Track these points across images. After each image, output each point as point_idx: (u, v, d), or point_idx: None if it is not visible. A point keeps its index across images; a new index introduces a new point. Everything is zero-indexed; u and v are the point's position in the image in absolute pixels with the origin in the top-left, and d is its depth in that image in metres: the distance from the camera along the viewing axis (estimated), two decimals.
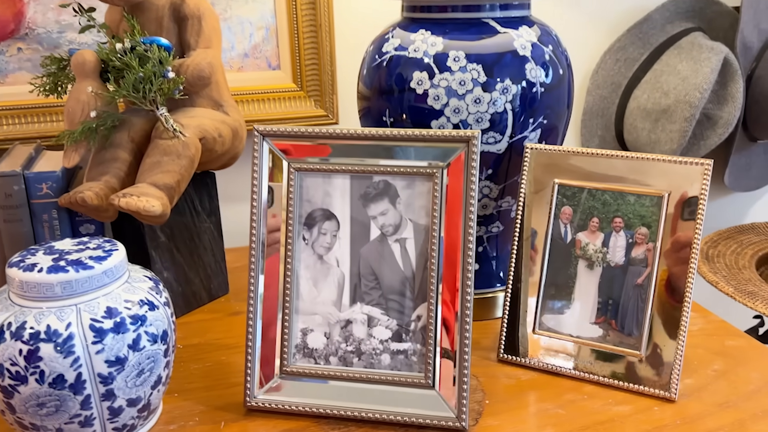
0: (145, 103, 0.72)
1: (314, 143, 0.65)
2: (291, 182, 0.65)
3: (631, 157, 0.68)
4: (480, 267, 0.83)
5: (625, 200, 0.69)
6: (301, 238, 0.66)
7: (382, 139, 0.64)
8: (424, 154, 0.64)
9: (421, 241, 0.64)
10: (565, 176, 0.71)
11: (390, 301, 0.65)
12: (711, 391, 0.68)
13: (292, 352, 0.66)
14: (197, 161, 0.77)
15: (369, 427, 0.63)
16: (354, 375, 0.65)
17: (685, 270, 0.66)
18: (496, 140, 0.74)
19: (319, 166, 0.65)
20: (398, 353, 0.65)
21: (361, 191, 0.65)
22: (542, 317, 0.72)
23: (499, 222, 0.81)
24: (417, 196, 0.64)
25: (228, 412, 0.66)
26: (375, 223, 0.65)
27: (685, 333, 0.66)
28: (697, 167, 0.66)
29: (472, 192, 0.62)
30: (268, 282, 0.66)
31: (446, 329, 0.63)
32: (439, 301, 0.63)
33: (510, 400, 0.68)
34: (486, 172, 0.76)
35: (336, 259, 0.66)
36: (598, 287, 0.70)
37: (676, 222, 0.67)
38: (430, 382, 0.64)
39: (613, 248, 0.69)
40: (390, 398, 0.64)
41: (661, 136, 1.21)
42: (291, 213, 0.65)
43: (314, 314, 0.66)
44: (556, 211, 0.72)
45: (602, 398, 0.68)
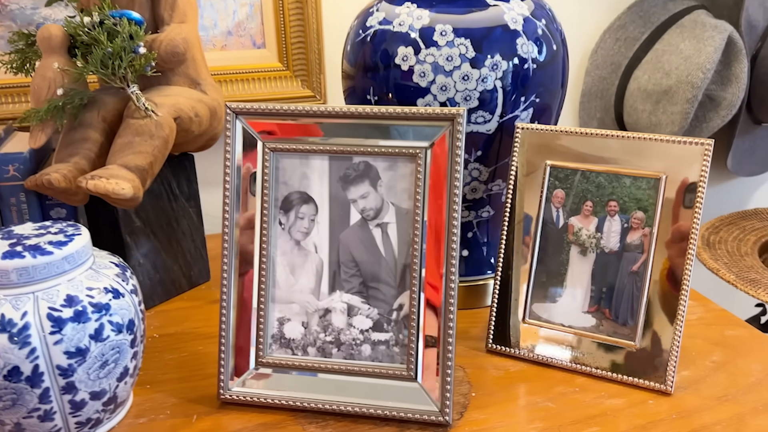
0: (115, 80, 0.68)
1: (289, 122, 0.61)
2: (266, 163, 0.62)
3: (626, 137, 0.65)
4: (470, 253, 0.80)
5: (621, 183, 0.65)
6: (277, 223, 0.63)
7: (361, 117, 0.60)
8: (407, 134, 0.60)
9: (404, 226, 0.61)
10: (558, 158, 0.68)
11: (371, 289, 0.62)
12: (709, 384, 0.65)
13: (268, 342, 0.63)
14: (172, 142, 0.73)
15: (348, 421, 0.60)
16: (333, 366, 0.62)
17: (683, 256, 0.62)
18: (486, 120, 0.70)
19: (296, 147, 0.61)
20: (379, 343, 0.62)
21: (341, 173, 0.62)
22: (533, 306, 0.69)
23: (489, 206, 0.78)
24: (399, 179, 0.61)
25: (201, 404, 0.63)
26: (355, 206, 0.62)
27: (682, 322, 0.63)
28: (696, 147, 0.62)
29: (457, 174, 0.58)
30: (243, 269, 0.62)
31: (429, 319, 0.60)
32: (421, 290, 0.60)
33: (498, 392, 0.64)
34: (475, 153, 0.73)
35: (314, 244, 0.62)
36: (591, 275, 0.66)
37: (673, 206, 0.63)
38: (413, 374, 0.60)
39: (608, 233, 0.66)
40: (370, 391, 0.61)
41: (662, 119, 1.17)
42: (266, 196, 0.62)
43: (291, 303, 0.63)
44: (547, 195, 0.68)
45: (595, 391, 0.64)
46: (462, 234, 0.79)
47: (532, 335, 0.69)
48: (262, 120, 0.62)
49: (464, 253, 0.80)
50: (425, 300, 0.60)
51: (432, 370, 0.60)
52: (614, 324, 0.66)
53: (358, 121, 0.60)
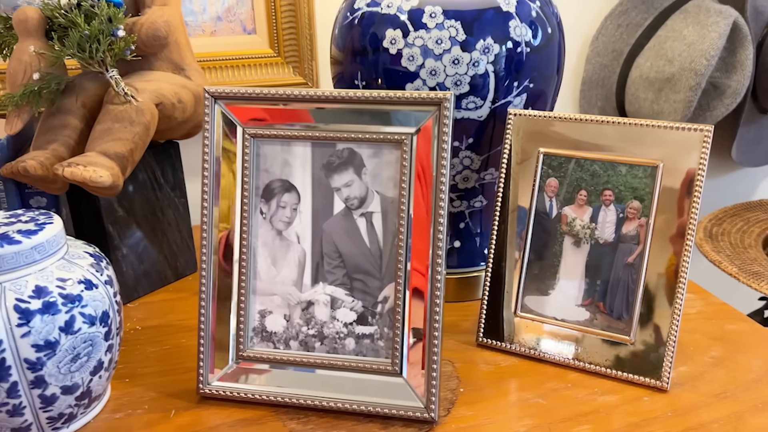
0: (93, 64, 0.66)
1: (271, 107, 0.59)
2: (246, 150, 0.59)
3: (622, 123, 0.62)
4: (462, 244, 0.78)
5: (616, 171, 0.62)
6: (258, 212, 0.60)
7: (345, 102, 0.58)
8: (392, 119, 0.58)
9: (389, 216, 0.59)
10: (552, 145, 0.65)
11: (355, 280, 0.59)
12: (707, 380, 0.63)
13: (249, 335, 0.61)
14: (153, 129, 0.71)
15: (331, 417, 0.58)
16: (315, 361, 0.59)
17: (681, 248, 0.60)
18: (477, 105, 0.68)
19: (277, 133, 0.59)
20: (363, 337, 0.59)
21: (324, 160, 0.59)
22: (524, 299, 0.66)
23: (482, 196, 0.75)
24: (384, 166, 0.58)
25: (180, 399, 0.61)
26: (339, 195, 0.59)
27: (679, 317, 0.60)
28: (695, 134, 0.59)
29: (443, 161, 0.56)
30: (223, 260, 0.60)
31: (415, 312, 0.57)
32: (407, 282, 0.58)
33: (487, 388, 0.62)
34: (466, 141, 0.70)
35: (296, 234, 0.60)
36: (585, 266, 0.64)
37: (671, 195, 0.60)
38: (397, 368, 0.58)
39: (602, 224, 0.63)
40: (354, 386, 0.59)
41: (665, 107, 1.14)
42: (246, 184, 0.60)
43: (273, 295, 0.61)
44: (540, 183, 0.66)
45: (587, 387, 0.62)
46: (454, 225, 0.77)
47: (523, 329, 0.66)
48: (242, 105, 0.59)
49: (456, 244, 0.77)
50: (410, 292, 0.58)
51: (418, 365, 0.57)
52: (609, 318, 0.63)
53: (339, 105, 0.58)
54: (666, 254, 0.61)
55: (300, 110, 0.59)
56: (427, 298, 0.57)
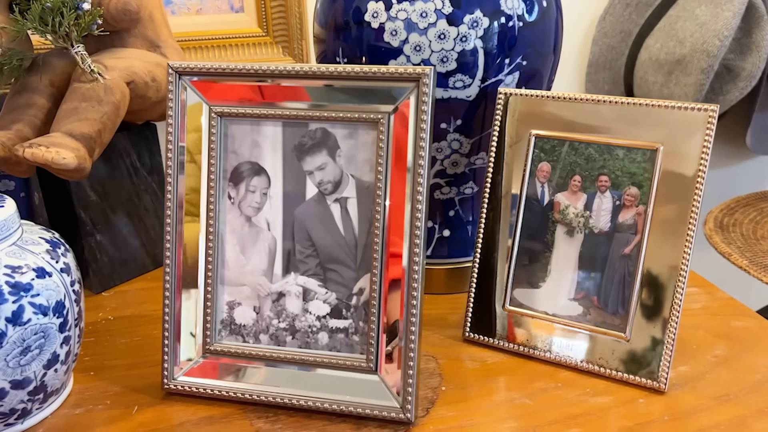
0: (57, 39, 0.62)
1: (239, 82, 0.55)
2: (213, 130, 0.56)
3: (620, 103, 0.57)
4: (452, 233, 0.73)
5: (613, 155, 0.58)
6: (226, 197, 0.57)
7: (317, 78, 0.53)
8: (367, 97, 0.53)
9: (365, 202, 0.54)
10: (544, 126, 0.60)
11: (329, 271, 0.55)
12: (709, 381, 0.58)
13: (217, 328, 0.57)
14: (124, 109, 0.67)
15: (301, 416, 0.55)
16: (286, 356, 0.56)
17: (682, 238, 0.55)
18: (465, 84, 0.63)
19: (246, 111, 0.55)
20: (337, 331, 0.56)
21: (295, 141, 0.55)
22: (514, 292, 0.62)
23: (473, 182, 0.71)
24: (360, 148, 0.54)
25: (145, 394, 0.58)
26: (312, 179, 0.55)
27: (678, 312, 0.56)
28: (699, 114, 0.55)
29: (422, 142, 0.52)
30: (188, 248, 0.56)
31: (392, 305, 0.53)
32: (382, 272, 0.54)
33: (471, 386, 0.58)
34: (454, 123, 0.66)
35: (266, 221, 0.56)
36: (578, 258, 0.60)
37: (671, 181, 0.56)
38: (372, 365, 0.54)
39: (597, 212, 0.59)
40: (327, 383, 0.55)
41: (675, 91, 1.09)
42: (213, 167, 0.56)
43: (242, 285, 0.57)
44: (531, 168, 0.61)
45: (579, 387, 0.58)
46: (443, 212, 0.72)
47: (512, 324, 0.62)
48: (209, 81, 0.55)
49: (446, 233, 0.73)
50: (387, 284, 0.53)
51: (394, 362, 0.54)
52: (603, 313, 0.59)
53: (310, 82, 0.53)
54: (665, 245, 0.56)
55: (271, 87, 0.55)
56: (404, 290, 0.53)
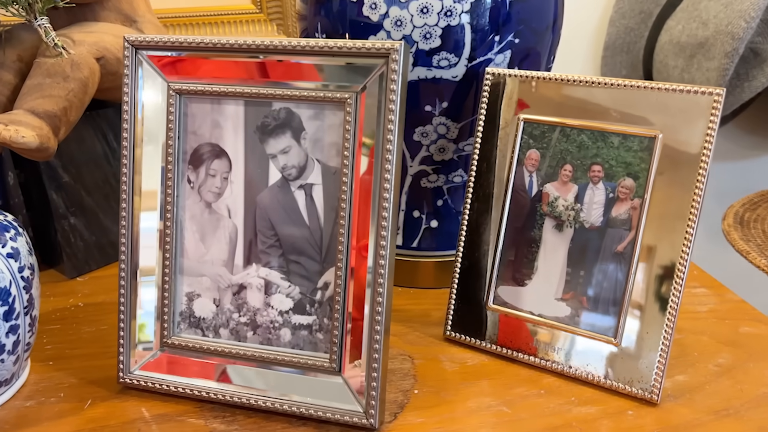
0: (19, 10, 0.59)
1: (198, 57, 0.51)
2: (171, 108, 0.52)
3: (616, 85, 0.52)
4: (440, 224, 0.69)
5: (607, 143, 0.52)
6: (185, 181, 0.53)
7: (278, 53, 0.49)
8: (333, 75, 0.49)
9: (332, 189, 0.50)
10: (533, 111, 0.55)
11: (292, 263, 0.51)
12: (707, 393, 0.53)
13: (176, 320, 0.54)
14: (93, 86, 0.64)
15: (259, 418, 0.51)
16: (246, 353, 0.52)
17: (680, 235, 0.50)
18: (451, 63, 0.58)
19: (205, 89, 0.51)
20: (301, 328, 0.52)
21: (258, 122, 0.51)
22: (498, 289, 0.58)
23: (462, 170, 0.66)
24: (327, 130, 0.50)
25: (101, 387, 0.55)
26: (275, 163, 0.51)
27: (674, 317, 0.50)
28: (702, 98, 0.49)
29: (390, 125, 0.47)
30: (145, 234, 0.53)
31: (357, 300, 0.49)
32: (347, 266, 0.49)
33: (445, 390, 0.54)
34: (440, 105, 0.61)
35: (227, 208, 0.52)
36: (567, 254, 0.55)
37: (670, 173, 0.50)
38: (335, 366, 0.50)
39: (589, 204, 0.54)
40: (288, 383, 0.51)
41: (697, 76, 1.02)
42: (171, 148, 0.52)
43: (201, 276, 0.53)
44: (519, 156, 0.56)
45: (563, 395, 0.53)
46: (431, 202, 0.68)
47: (495, 323, 0.58)
48: (167, 55, 0.51)
49: (433, 224, 0.69)
50: (351, 278, 0.49)
51: (361, 362, 0.50)
52: (592, 315, 0.54)
53: (271, 57, 0.49)
54: (662, 243, 0.51)
55: (232, 63, 0.51)
56: (369, 285, 0.49)
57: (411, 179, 0.66)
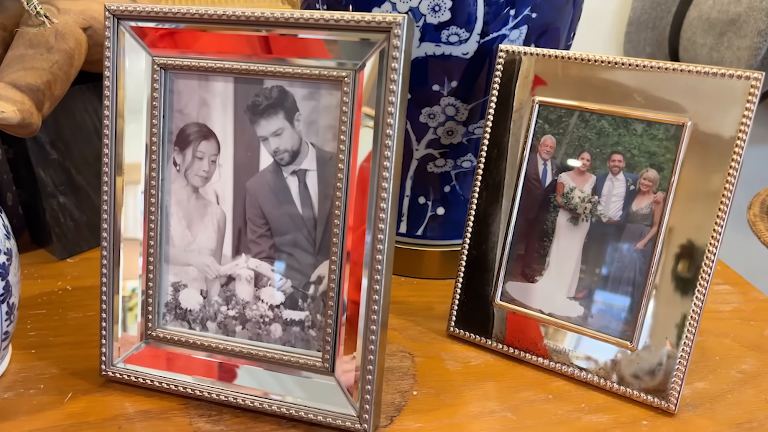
0: None
1: (186, 28, 0.47)
2: (155, 85, 0.48)
3: (642, 66, 0.47)
4: (447, 212, 0.65)
5: (630, 130, 0.48)
6: (171, 163, 0.49)
7: (270, 25, 0.45)
8: (330, 51, 0.45)
9: (327, 175, 0.46)
10: (550, 93, 0.51)
11: (284, 254, 0.48)
12: (729, 404, 0.49)
13: (162, 311, 0.51)
14: (80, 57, 0.60)
15: (247, 418, 0.48)
16: (234, 348, 0.49)
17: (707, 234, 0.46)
18: (461, 39, 0.54)
19: (192, 63, 0.47)
20: (292, 324, 0.48)
21: (248, 101, 0.47)
22: (506, 285, 0.54)
23: (471, 154, 0.62)
24: (322, 112, 0.46)
25: (83, 379, 0.52)
26: (266, 146, 0.47)
27: (697, 321, 0.46)
28: (738, 83, 0.44)
29: (391, 107, 0.43)
30: (128, 220, 0.50)
31: (351, 296, 0.46)
32: (343, 259, 0.46)
33: (446, 392, 0.50)
34: (449, 85, 0.56)
35: (215, 193, 0.49)
36: (582, 250, 0.50)
37: (699, 165, 0.46)
38: (329, 365, 0.47)
39: (608, 197, 0.49)
40: (278, 382, 0.48)
41: (726, 55, 0.96)
42: (156, 128, 0.48)
43: (188, 265, 0.50)
44: (533, 142, 0.52)
45: (572, 401, 0.49)
46: (438, 188, 0.64)
47: (502, 321, 0.54)
48: (152, 26, 0.47)
49: (440, 211, 0.65)
50: (347, 273, 0.46)
51: (352, 363, 0.46)
52: (607, 316, 0.50)
53: (260, 30, 0.45)
54: (687, 242, 0.46)
55: (221, 35, 0.46)
56: (365, 281, 0.45)
57: (417, 163, 0.62)
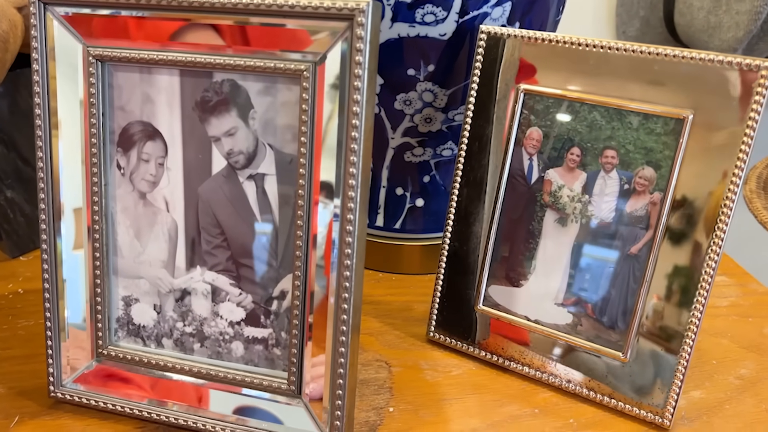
0: None
1: (123, 15, 0.41)
2: (92, 79, 0.42)
3: (639, 52, 0.42)
4: (427, 203, 0.60)
5: (624, 123, 0.43)
6: (114, 166, 0.44)
7: (218, 11, 0.39)
8: (287, 41, 0.39)
9: (287, 181, 0.41)
10: (536, 79, 0.46)
11: (243, 267, 0.43)
12: (728, 415, 0.46)
13: (112, 327, 0.46)
14: (15, 40, 0.54)
15: None
16: (193, 368, 0.45)
17: (707, 239, 0.41)
18: (438, 18, 0.48)
19: (132, 55, 0.42)
20: (255, 342, 0.44)
21: (197, 97, 0.42)
22: (489, 288, 0.50)
23: (452, 142, 0.57)
24: (279, 109, 0.41)
25: (32, 400, 0.48)
26: (219, 148, 0.42)
27: (695, 334, 0.43)
28: (746, 74, 0.39)
29: (356, 106, 0.38)
30: (70, 229, 0.45)
31: (319, 310, 0.41)
32: (308, 271, 0.41)
33: (425, 408, 0.47)
34: (425, 69, 0.51)
35: (164, 199, 0.44)
36: (571, 253, 0.46)
37: (700, 162, 0.41)
38: (294, 387, 0.43)
39: (599, 196, 0.45)
40: (241, 405, 0.44)
41: (724, 19, 0.90)
42: (95, 127, 0.43)
43: (139, 278, 0.45)
44: (518, 134, 0.47)
45: (561, 415, 0.46)
46: (417, 178, 0.59)
47: (485, 327, 0.50)
48: (84, 13, 0.41)
49: (419, 203, 0.60)
50: (313, 286, 0.41)
51: (320, 383, 0.42)
52: (598, 325, 0.46)
53: (212, 18, 0.39)
54: (685, 247, 0.42)
55: (164, 22, 0.41)
56: (332, 296, 0.41)
57: (393, 153, 0.57)
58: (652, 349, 0.44)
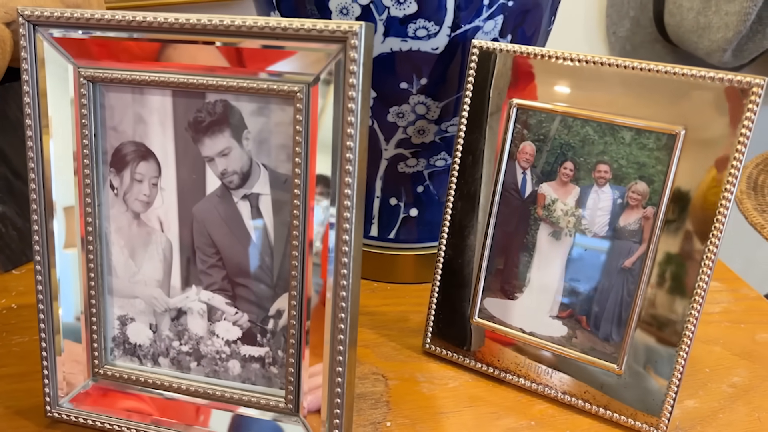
0: None
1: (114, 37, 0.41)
2: (83, 100, 0.42)
3: (633, 68, 0.42)
4: (421, 213, 0.60)
5: (617, 138, 0.43)
6: (107, 187, 0.44)
7: (209, 33, 0.39)
8: (280, 63, 0.39)
9: (282, 200, 0.41)
10: (529, 94, 0.46)
11: (239, 286, 0.43)
12: (721, 424, 0.46)
13: (108, 347, 0.46)
14: (5, 55, 0.54)
15: None
16: (190, 387, 0.45)
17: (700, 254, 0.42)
18: (430, 33, 0.48)
19: (123, 75, 0.41)
20: (252, 360, 0.44)
21: (190, 117, 0.42)
22: (484, 301, 0.50)
23: (445, 153, 0.57)
24: (273, 129, 0.41)
25: (28, 419, 0.48)
26: (212, 168, 0.42)
27: (689, 346, 0.43)
28: (738, 92, 0.39)
29: (350, 129, 0.38)
30: (65, 250, 0.44)
31: (315, 328, 0.42)
32: (304, 289, 0.41)
33: (422, 422, 0.47)
34: (418, 82, 0.51)
35: (159, 219, 0.44)
36: (565, 266, 0.47)
37: (693, 177, 0.41)
38: (292, 406, 0.43)
39: (593, 210, 0.45)
40: (238, 424, 0.44)
41: (714, 20, 0.91)
42: (87, 148, 0.43)
43: (134, 297, 0.45)
44: (511, 148, 0.47)
45: (556, 427, 0.46)
46: (410, 188, 0.59)
47: (481, 338, 0.50)
48: (75, 35, 0.41)
49: (413, 212, 0.60)
50: (310, 304, 0.41)
51: (317, 401, 0.42)
52: (592, 337, 0.46)
53: (207, 39, 0.39)
54: (677, 261, 0.43)
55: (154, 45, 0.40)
56: (329, 314, 0.41)
57: (386, 163, 0.57)
58: (647, 362, 0.45)
